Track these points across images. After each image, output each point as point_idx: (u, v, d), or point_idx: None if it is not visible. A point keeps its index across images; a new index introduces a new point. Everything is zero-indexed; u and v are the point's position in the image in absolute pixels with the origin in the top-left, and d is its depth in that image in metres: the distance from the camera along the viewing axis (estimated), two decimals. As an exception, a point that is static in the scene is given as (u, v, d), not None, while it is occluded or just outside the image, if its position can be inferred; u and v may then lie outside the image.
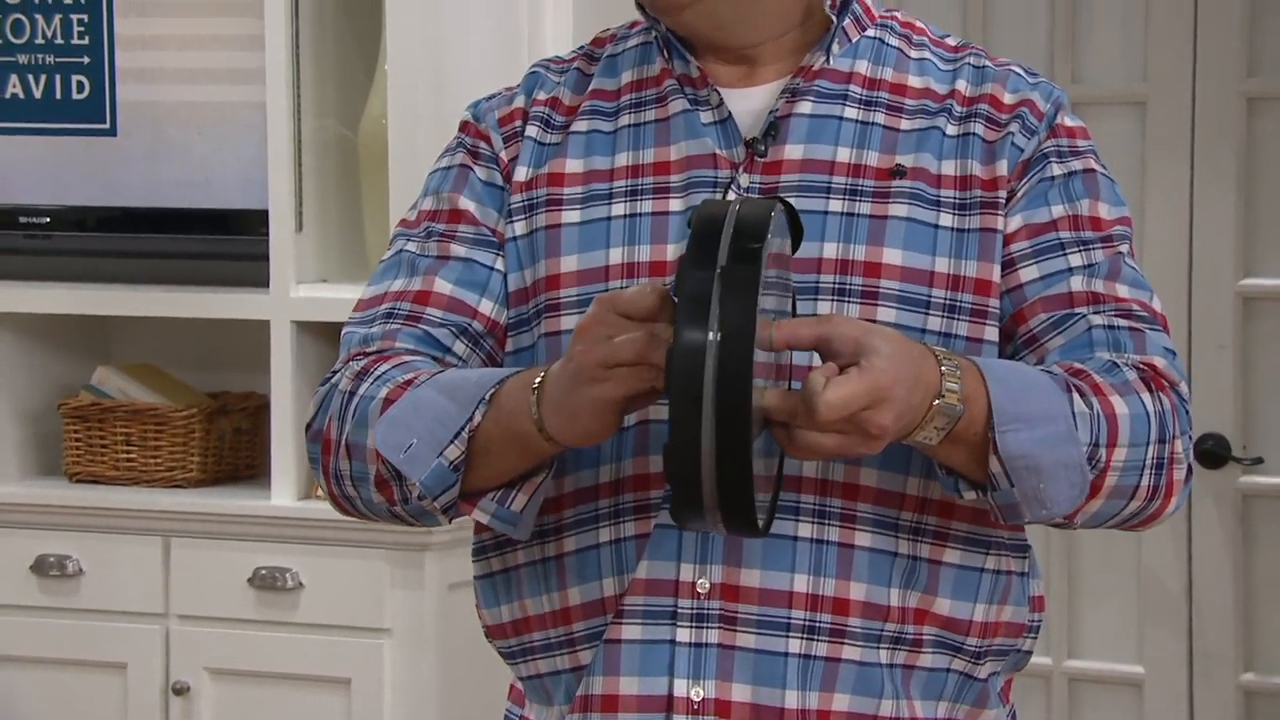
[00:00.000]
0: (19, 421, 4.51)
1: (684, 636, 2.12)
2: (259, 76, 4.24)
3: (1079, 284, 2.17)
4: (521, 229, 2.24)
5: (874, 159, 2.19)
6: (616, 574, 2.17)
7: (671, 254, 2.15)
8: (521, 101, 2.29)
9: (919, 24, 2.30)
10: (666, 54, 2.26)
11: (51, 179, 4.52)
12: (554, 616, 2.21)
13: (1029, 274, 2.18)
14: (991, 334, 2.17)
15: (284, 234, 4.21)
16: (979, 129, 2.21)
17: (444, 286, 2.23)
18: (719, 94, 2.23)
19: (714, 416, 1.82)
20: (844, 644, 2.13)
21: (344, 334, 2.26)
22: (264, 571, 4.16)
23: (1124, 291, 2.17)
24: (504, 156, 2.27)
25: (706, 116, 2.23)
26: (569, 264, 2.21)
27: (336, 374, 2.21)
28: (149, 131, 4.44)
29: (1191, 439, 2.14)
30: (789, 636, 2.12)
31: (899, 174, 2.18)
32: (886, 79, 2.24)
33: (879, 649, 2.14)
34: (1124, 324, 2.15)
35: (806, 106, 2.22)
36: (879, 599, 2.14)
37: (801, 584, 2.13)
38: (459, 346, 2.22)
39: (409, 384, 2.12)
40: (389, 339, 2.21)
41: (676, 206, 2.19)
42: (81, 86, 4.48)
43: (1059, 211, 2.19)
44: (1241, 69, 4.36)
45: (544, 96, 2.29)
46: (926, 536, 2.16)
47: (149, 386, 4.44)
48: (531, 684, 2.26)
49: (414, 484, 2.09)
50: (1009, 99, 2.22)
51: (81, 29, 4.47)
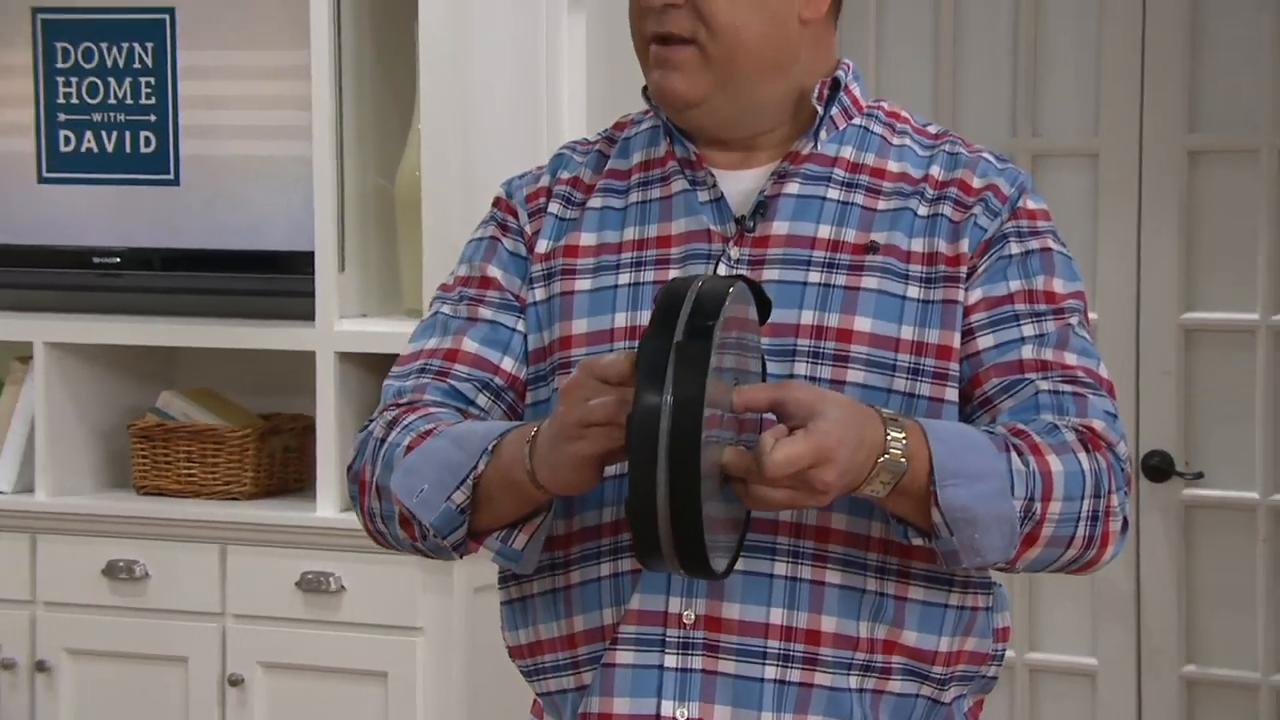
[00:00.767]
0: (92, 440, 4.49)
1: (671, 662, 2.15)
2: (306, 134, 4.22)
3: (1029, 352, 2.18)
4: (541, 295, 2.28)
5: (851, 235, 2.21)
6: (614, 605, 2.19)
7: None
8: (547, 181, 2.34)
9: (903, 113, 2.31)
10: (669, 139, 2.29)
11: (121, 224, 4.50)
12: (561, 641, 2.24)
13: (985, 342, 2.19)
14: (952, 395, 2.18)
15: (328, 274, 4.19)
16: (947, 210, 2.22)
17: (470, 345, 2.28)
18: (714, 176, 2.25)
19: (667, 474, 1.86)
20: (816, 671, 2.15)
21: (384, 385, 2.31)
22: (310, 575, 4.14)
23: (1071, 359, 2.18)
24: (528, 230, 2.31)
25: (703, 196, 2.25)
26: (580, 326, 2.24)
27: (373, 422, 2.26)
28: (208, 182, 4.43)
29: (1127, 494, 2.15)
30: (765, 664, 2.14)
31: (873, 250, 2.20)
32: (868, 163, 2.25)
33: (849, 675, 2.15)
34: (1068, 389, 2.16)
35: (794, 187, 2.23)
36: (849, 631, 2.15)
37: (777, 617, 2.14)
38: (481, 399, 2.26)
39: (428, 434, 2.17)
40: (419, 392, 2.26)
41: (676, 275, 2.20)
42: (149, 142, 4.47)
43: (1015, 286, 2.20)
44: (1183, 125, 4.38)
45: (567, 176, 2.33)
46: (891, 575, 2.17)
47: (208, 409, 4.43)
48: (546, 699, 2.29)
49: (427, 525, 2.13)
50: (977, 183, 2.23)
51: (149, 91, 4.46)
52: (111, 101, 4.48)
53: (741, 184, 2.25)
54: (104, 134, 4.50)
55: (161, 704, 4.27)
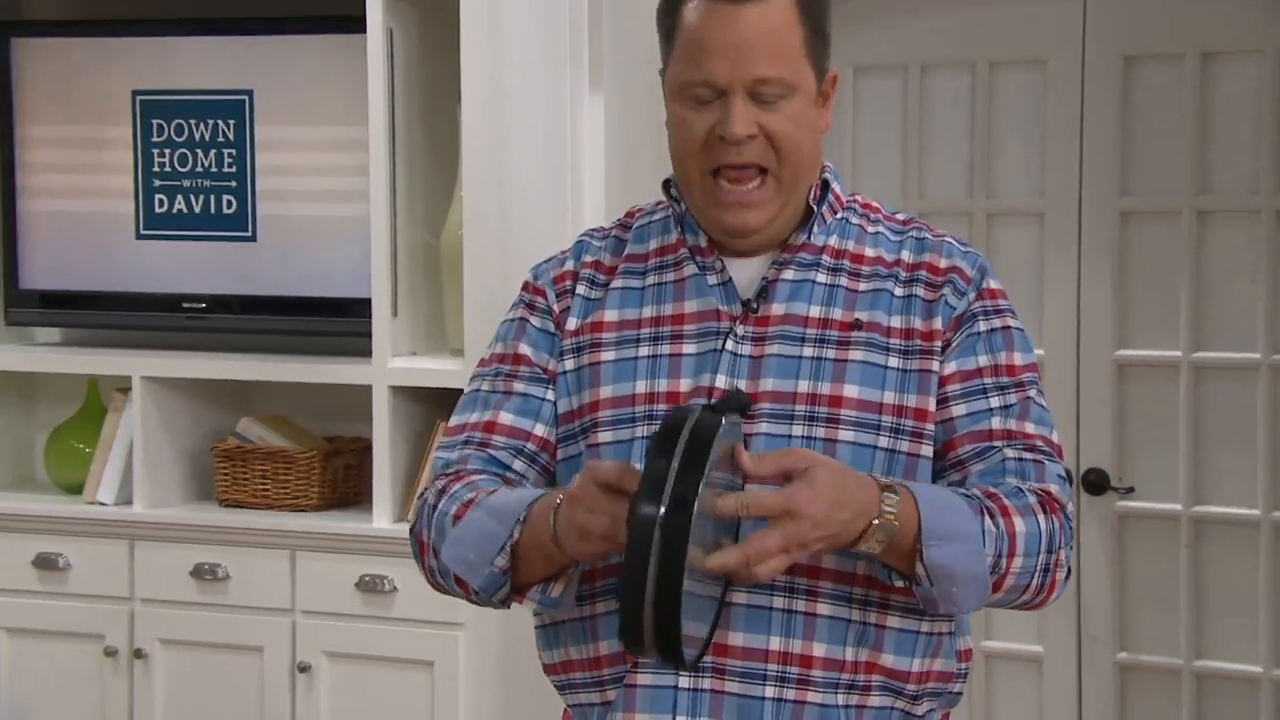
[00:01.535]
0: (181, 460, 4.51)
1: (684, 683, 2.15)
2: (364, 197, 4.24)
3: (998, 423, 2.19)
4: (571, 365, 2.27)
5: (838, 314, 2.21)
6: None
7: (685, 386, 2.19)
8: (572, 265, 2.32)
9: (875, 204, 2.32)
10: (681, 228, 2.28)
11: (206, 274, 4.52)
12: (589, 663, 2.24)
13: (959, 410, 2.20)
14: (927, 451, 2.19)
15: (382, 318, 4.20)
16: (920, 290, 2.23)
17: (506, 418, 2.27)
18: (723, 262, 2.25)
19: (655, 582, 1.86)
20: (808, 690, 2.15)
21: (434, 458, 2.32)
22: (367, 578, 4.16)
23: (1031, 429, 2.20)
24: (556, 309, 2.30)
25: (712, 279, 2.25)
26: (606, 392, 2.23)
27: (428, 490, 2.26)
28: (281, 238, 4.45)
29: (1071, 548, 2.16)
30: (765, 684, 2.15)
31: (857, 326, 2.20)
32: (849, 250, 2.25)
33: (836, 693, 2.16)
34: (1029, 456, 2.18)
35: (789, 273, 2.23)
36: (836, 655, 2.15)
37: (776, 644, 2.15)
38: (517, 464, 2.26)
39: (470, 502, 2.17)
40: (463, 462, 2.26)
41: (689, 349, 2.22)
42: (230, 204, 4.49)
43: (984, 361, 2.21)
44: (1116, 190, 4.35)
45: (589, 260, 2.32)
46: (873, 606, 2.17)
47: (280, 433, 4.44)
48: (576, 710, 2.28)
49: (475, 588, 2.15)
50: (943, 264, 2.24)
51: (230, 160, 4.48)
52: (199, 169, 4.50)
53: (746, 270, 2.24)
54: (192, 197, 4.52)
55: (240, 687, 4.28)
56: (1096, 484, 4.39)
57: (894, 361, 2.20)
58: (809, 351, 2.19)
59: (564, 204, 4.22)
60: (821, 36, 2.21)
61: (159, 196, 4.56)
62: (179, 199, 4.54)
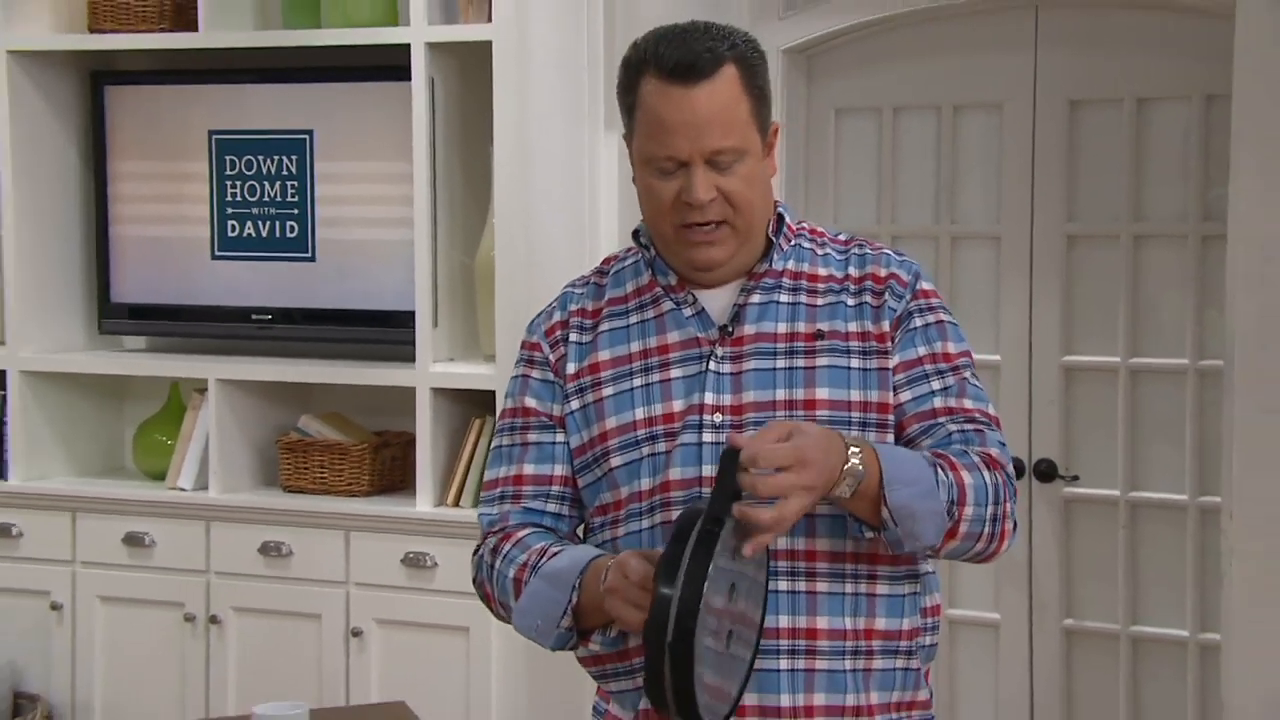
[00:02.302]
0: (250, 451, 4.53)
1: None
2: (409, 223, 4.25)
3: (939, 402, 2.21)
4: (576, 405, 2.26)
5: (802, 327, 2.22)
6: None
7: (678, 406, 2.20)
8: (560, 316, 2.31)
9: (820, 229, 2.32)
10: (651, 270, 2.28)
11: (272, 290, 4.54)
12: (619, 655, 2.23)
13: (905, 396, 2.21)
14: (890, 439, 2.20)
15: (425, 328, 4.22)
16: (868, 298, 2.24)
17: (529, 469, 2.28)
18: (693, 295, 2.25)
19: (669, 659, 1.91)
20: (816, 658, 2.16)
21: (479, 515, 2.33)
22: (411, 554, 4.17)
23: (970, 404, 2.22)
24: (553, 358, 2.29)
25: (687, 311, 2.25)
26: (611, 423, 2.23)
27: (482, 547, 2.28)
28: (337, 259, 4.47)
29: (1015, 504, 2.17)
30: (779, 658, 2.15)
31: (820, 336, 2.21)
32: (805, 271, 2.26)
33: (843, 659, 2.16)
34: (970, 427, 2.20)
35: (756, 297, 2.24)
36: (839, 625, 2.16)
37: (785, 621, 2.15)
38: (551, 506, 2.28)
39: (525, 567, 2.19)
40: (505, 519, 2.27)
41: (677, 374, 2.22)
42: (293, 229, 4.51)
43: (923, 351, 2.22)
44: (1064, 216, 4.34)
45: (575, 308, 2.31)
46: (864, 579, 2.18)
47: (336, 428, 4.46)
48: (613, 695, 2.28)
49: (547, 647, 2.20)
50: (883, 273, 2.25)
51: (293, 191, 4.50)
52: (266, 199, 4.52)
53: (714, 300, 2.24)
54: (260, 223, 4.54)
55: (301, 649, 4.29)
56: (1046, 473, 4.38)
57: (855, 363, 2.20)
58: (781, 363, 2.20)
59: (582, 229, 4.24)
60: (763, 100, 2.21)
61: (231, 222, 4.58)
62: (248, 225, 4.56)
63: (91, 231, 4.76)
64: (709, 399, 2.19)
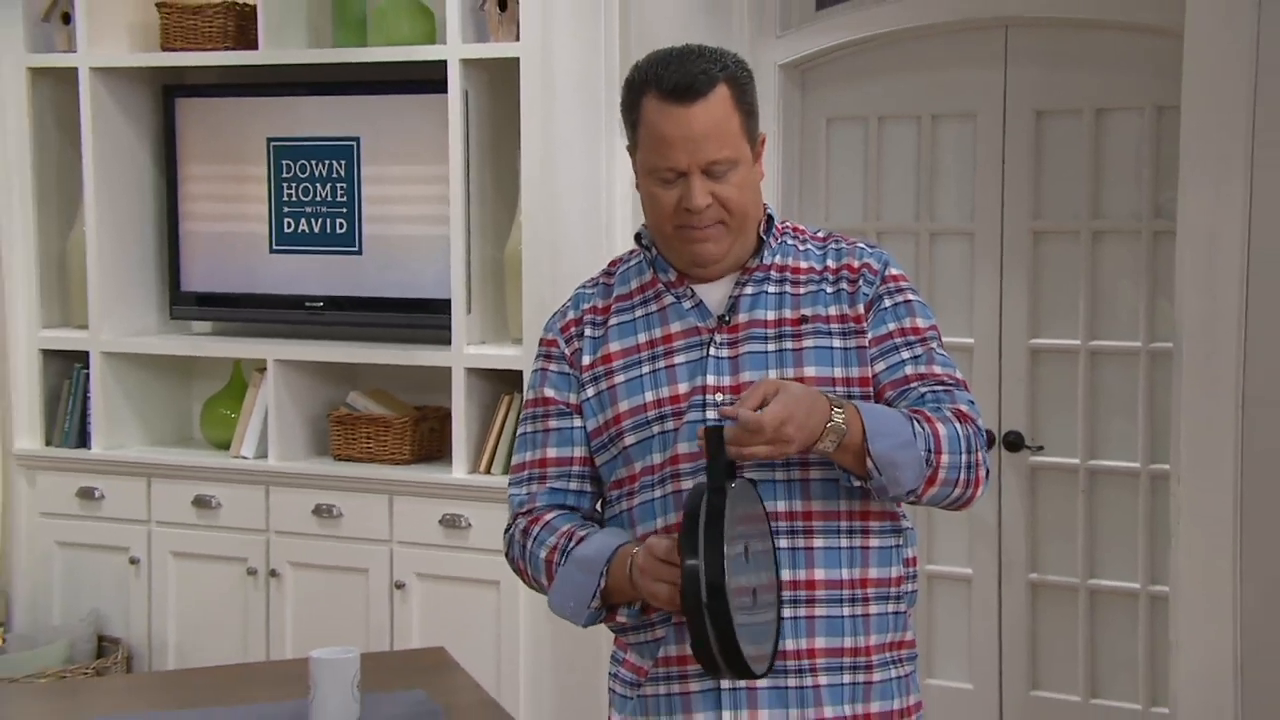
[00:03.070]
0: (304, 424, 4.53)
1: None
2: (445, 220, 4.25)
3: (910, 369, 2.21)
4: (591, 392, 2.27)
5: (789, 314, 2.22)
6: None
7: (682, 389, 2.21)
8: (573, 314, 2.32)
9: (801, 227, 2.33)
10: (653, 269, 2.28)
11: (324, 280, 4.54)
12: (641, 610, 2.22)
13: (879, 367, 2.22)
14: None
15: (459, 314, 4.22)
16: (845, 286, 2.24)
17: (551, 452, 2.28)
18: (692, 290, 2.26)
19: (709, 616, 1.93)
20: (816, 606, 2.16)
21: (510, 496, 2.33)
22: (448, 516, 4.17)
23: (938, 370, 2.22)
24: (568, 352, 2.29)
25: (687, 304, 2.25)
26: (623, 407, 2.24)
27: (513, 527, 2.29)
28: (381, 252, 4.46)
29: (987, 453, 2.17)
30: (782, 607, 2.14)
31: (805, 320, 2.21)
32: (789, 265, 2.27)
33: (841, 607, 2.17)
34: (940, 388, 2.20)
35: (749, 289, 2.24)
36: (835, 576, 2.17)
37: (786, 575, 2.16)
38: (573, 484, 2.28)
39: (555, 549, 2.20)
40: (532, 500, 2.28)
41: (680, 360, 2.22)
42: (342, 226, 4.50)
43: (892, 326, 2.23)
44: (1030, 214, 4.33)
45: (586, 306, 2.32)
46: (857, 534, 2.19)
47: (381, 403, 4.46)
48: (632, 647, 2.27)
49: (580, 624, 2.20)
50: (856, 264, 2.26)
51: (342, 191, 4.49)
52: (318, 199, 4.52)
53: (710, 293, 2.25)
54: (313, 220, 4.54)
55: (350, 600, 4.30)
56: (1014, 443, 4.37)
57: (837, 343, 2.21)
58: (772, 346, 2.21)
59: (599, 225, 4.23)
60: (752, 114, 2.22)
61: (287, 220, 4.57)
62: (302, 222, 4.56)
63: (163, 228, 4.76)
64: (711, 381, 2.20)
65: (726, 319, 2.23)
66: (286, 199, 4.56)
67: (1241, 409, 3.73)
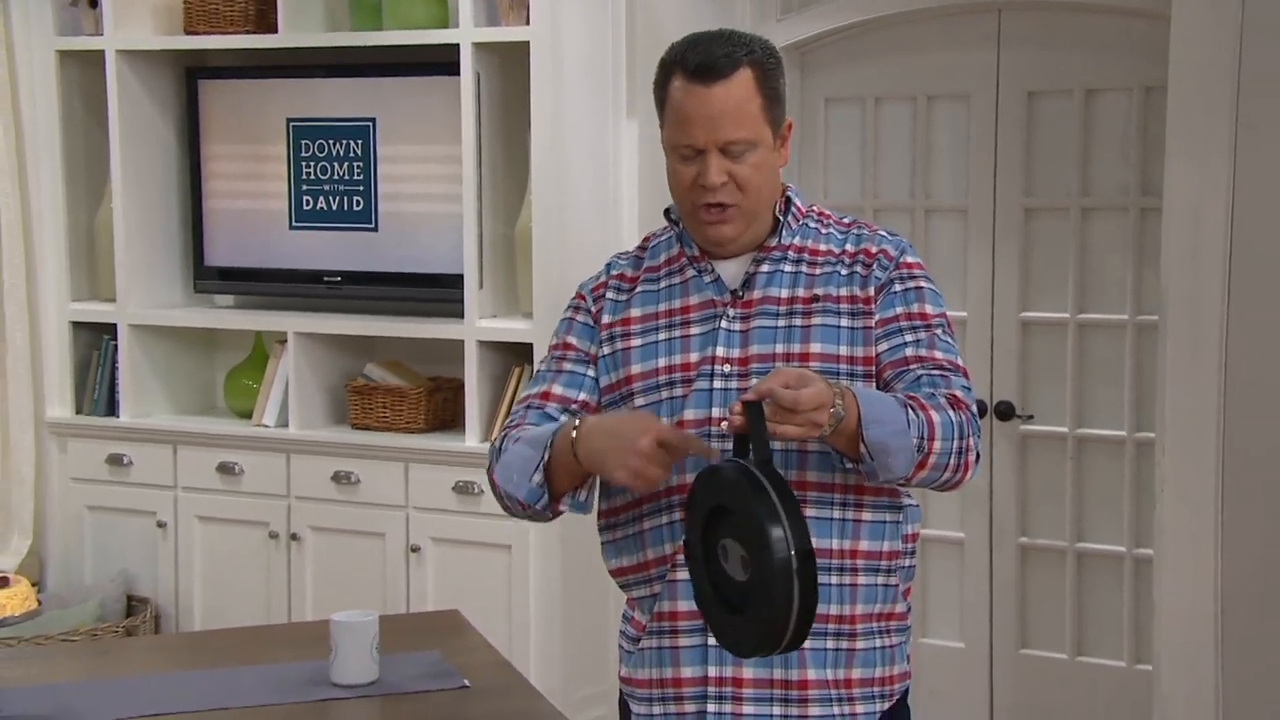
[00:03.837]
0: (323, 394, 4.53)
1: None
2: (458, 199, 4.24)
3: (910, 351, 2.19)
4: (608, 350, 2.28)
5: (801, 293, 2.22)
6: (672, 540, 2.20)
7: (694, 358, 2.22)
8: (604, 278, 2.34)
9: (828, 212, 2.32)
10: (681, 244, 2.29)
11: (341, 255, 4.53)
12: (639, 567, 2.25)
13: (882, 348, 2.21)
14: (872, 386, 2.19)
15: (472, 289, 4.21)
16: (859, 270, 2.24)
17: (557, 389, 2.29)
18: (712, 265, 2.26)
19: (799, 586, 1.91)
20: None
21: (509, 419, 2.32)
22: (461, 482, 4.18)
23: (939, 355, 2.20)
24: (594, 309, 2.31)
25: (707, 278, 2.26)
26: (636, 369, 2.25)
27: (496, 441, 2.28)
28: (397, 229, 4.45)
29: (979, 439, 2.16)
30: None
31: (816, 300, 2.21)
32: (808, 247, 2.26)
33: (830, 575, 2.16)
34: (937, 373, 2.18)
35: (765, 267, 2.24)
36: (825, 545, 2.15)
37: None
38: (564, 418, 2.26)
39: (519, 441, 2.20)
40: (522, 419, 2.28)
41: (695, 331, 2.23)
42: (359, 203, 4.50)
43: (899, 310, 2.22)
44: (1022, 191, 4.33)
45: (615, 273, 2.33)
46: (850, 506, 2.18)
47: (397, 374, 4.45)
48: (636, 601, 2.29)
49: (521, 500, 2.18)
50: (874, 249, 2.25)
51: (359, 170, 4.48)
52: (335, 177, 4.51)
53: (729, 268, 2.25)
54: (330, 198, 4.53)
55: (368, 563, 4.31)
56: (1005, 412, 4.38)
57: (844, 322, 2.20)
58: (782, 322, 2.20)
59: (606, 203, 4.25)
60: (776, 99, 2.20)
61: (306, 197, 4.57)
62: (320, 199, 4.55)
63: (187, 205, 4.76)
64: (720, 352, 2.20)
65: (740, 294, 2.23)
66: (305, 177, 4.55)
67: (1224, 379, 3.74)
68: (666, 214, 2.32)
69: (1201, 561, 3.78)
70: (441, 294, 4.35)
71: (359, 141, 4.47)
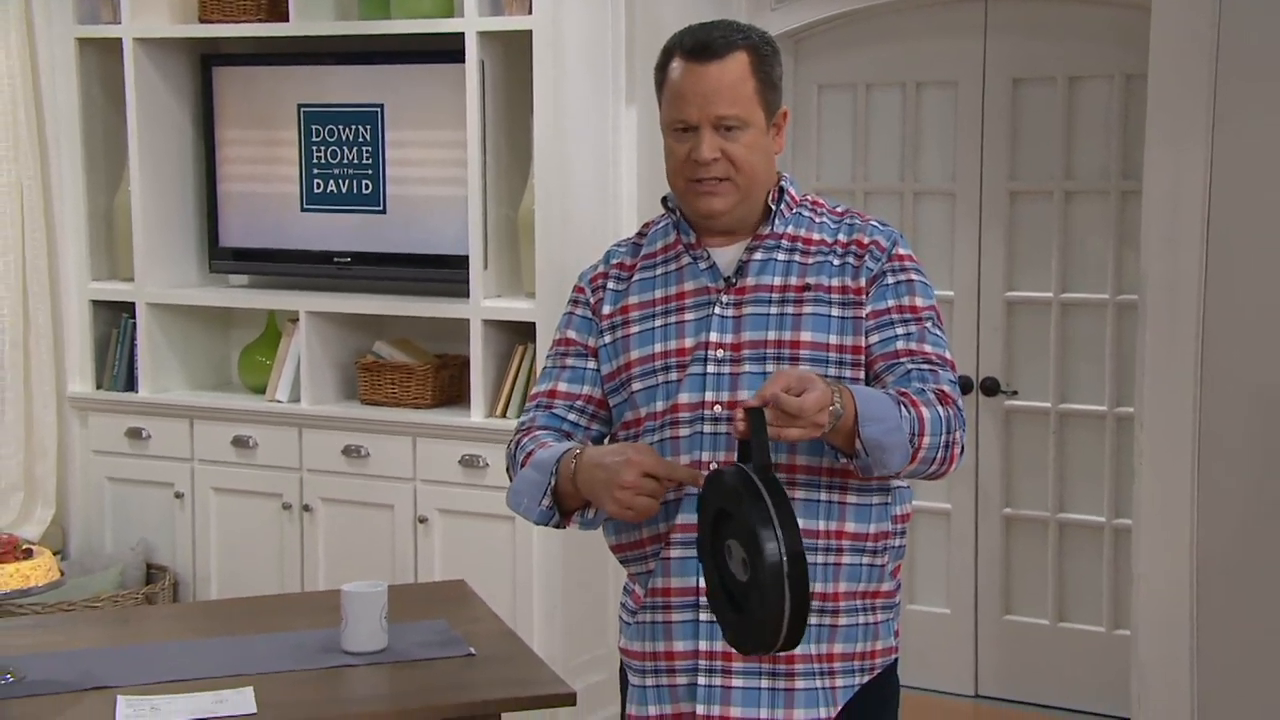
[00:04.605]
0: (334, 370, 4.52)
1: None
2: (463, 182, 4.23)
3: (901, 345, 2.18)
4: (609, 339, 2.28)
5: (794, 281, 2.21)
6: (666, 521, 2.20)
7: (689, 343, 2.21)
8: (603, 268, 2.34)
9: (821, 201, 2.30)
10: (678, 231, 2.28)
11: (351, 236, 4.52)
12: (636, 544, 2.26)
13: (874, 339, 2.19)
14: (860, 375, 2.19)
15: (477, 270, 4.19)
16: (850, 260, 2.22)
17: (562, 386, 2.30)
18: (707, 252, 2.25)
19: (789, 588, 1.89)
20: None
21: (521, 417, 2.34)
22: (467, 456, 4.17)
23: (929, 349, 2.19)
24: (593, 300, 2.31)
25: (702, 265, 2.25)
26: (634, 355, 2.25)
27: (511, 442, 2.30)
28: (405, 211, 4.44)
29: (964, 432, 2.15)
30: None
31: (808, 289, 2.20)
32: (801, 235, 2.24)
33: (815, 555, 2.15)
34: (926, 367, 2.17)
35: (758, 255, 2.23)
36: (811, 526, 2.15)
37: None
38: (572, 415, 2.29)
39: (529, 455, 2.22)
40: (533, 421, 2.30)
41: (690, 316, 2.23)
42: (368, 187, 4.48)
43: (891, 303, 2.20)
44: (1007, 175, 4.35)
45: (615, 262, 2.33)
46: (836, 489, 2.17)
47: (405, 352, 4.45)
48: (634, 576, 2.30)
49: (533, 522, 2.21)
50: (866, 240, 2.23)
51: (368, 155, 4.46)
52: (345, 161, 4.49)
53: (724, 255, 2.24)
54: (340, 181, 4.51)
55: (377, 534, 4.31)
56: (990, 388, 4.41)
57: (836, 311, 2.19)
58: (774, 310, 2.19)
59: (606, 187, 4.23)
60: (771, 85, 2.20)
61: (316, 181, 4.56)
62: (331, 182, 4.54)
63: (202, 188, 4.75)
64: (713, 337, 2.20)
65: (733, 281, 2.22)
66: (316, 161, 4.54)
67: (1200, 357, 3.75)
68: (664, 202, 2.31)
69: (1178, 532, 3.80)
70: (447, 274, 4.34)
71: (368, 127, 4.46)
